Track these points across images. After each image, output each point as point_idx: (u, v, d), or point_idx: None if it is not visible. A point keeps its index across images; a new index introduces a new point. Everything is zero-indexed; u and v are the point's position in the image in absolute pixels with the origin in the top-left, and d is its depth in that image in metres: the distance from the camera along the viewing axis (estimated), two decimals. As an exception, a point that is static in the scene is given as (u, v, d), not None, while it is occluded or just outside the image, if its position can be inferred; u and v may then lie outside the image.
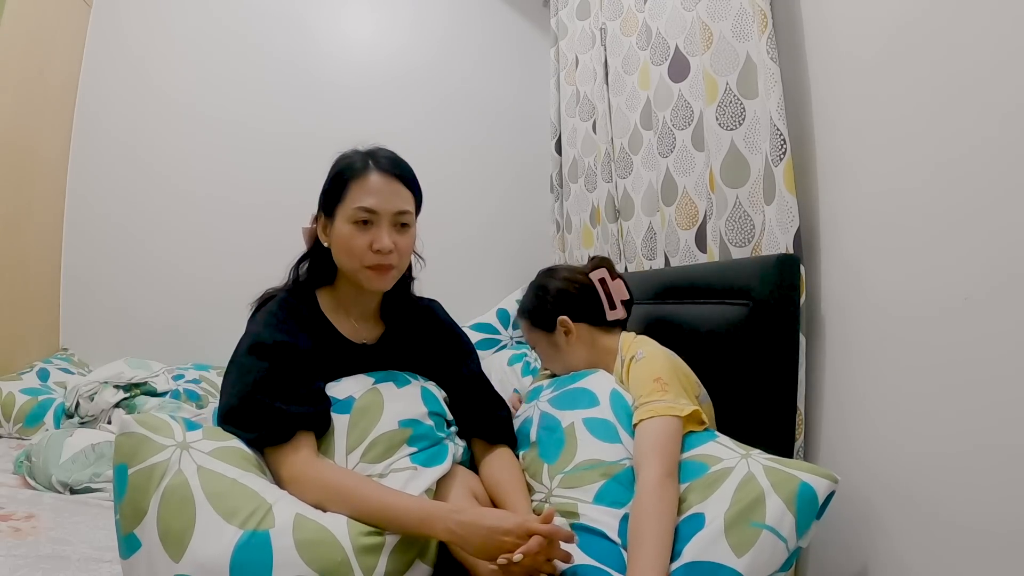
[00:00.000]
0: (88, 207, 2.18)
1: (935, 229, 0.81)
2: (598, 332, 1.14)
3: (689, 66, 1.36)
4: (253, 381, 0.83)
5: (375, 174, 0.93)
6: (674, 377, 0.95)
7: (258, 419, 0.82)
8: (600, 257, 1.21)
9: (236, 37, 2.30)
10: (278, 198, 2.24)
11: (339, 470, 0.83)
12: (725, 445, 0.88)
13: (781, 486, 0.77)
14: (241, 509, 0.71)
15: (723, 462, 0.83)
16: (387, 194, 0.93)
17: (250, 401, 0.82)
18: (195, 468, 0.74)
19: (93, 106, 2.20)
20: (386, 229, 0.92)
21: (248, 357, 0.86)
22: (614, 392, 1.00)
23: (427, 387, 0.99)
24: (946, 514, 0.79)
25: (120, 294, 2.18)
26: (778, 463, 0.81)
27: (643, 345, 1.05)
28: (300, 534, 0.71)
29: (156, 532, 0.69)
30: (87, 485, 1.29)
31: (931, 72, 0.82)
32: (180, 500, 0.70)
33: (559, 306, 1.15)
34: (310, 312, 0.96)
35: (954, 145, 0.79)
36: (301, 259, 1.03)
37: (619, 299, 1.15)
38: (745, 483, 0.79)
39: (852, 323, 0.97)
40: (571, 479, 0.89)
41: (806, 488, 0.77)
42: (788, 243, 1.03)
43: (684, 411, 0.89)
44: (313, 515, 0.75)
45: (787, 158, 1.03)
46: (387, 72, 2.39)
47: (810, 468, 0.80)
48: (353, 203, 0.92)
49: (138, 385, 1.74)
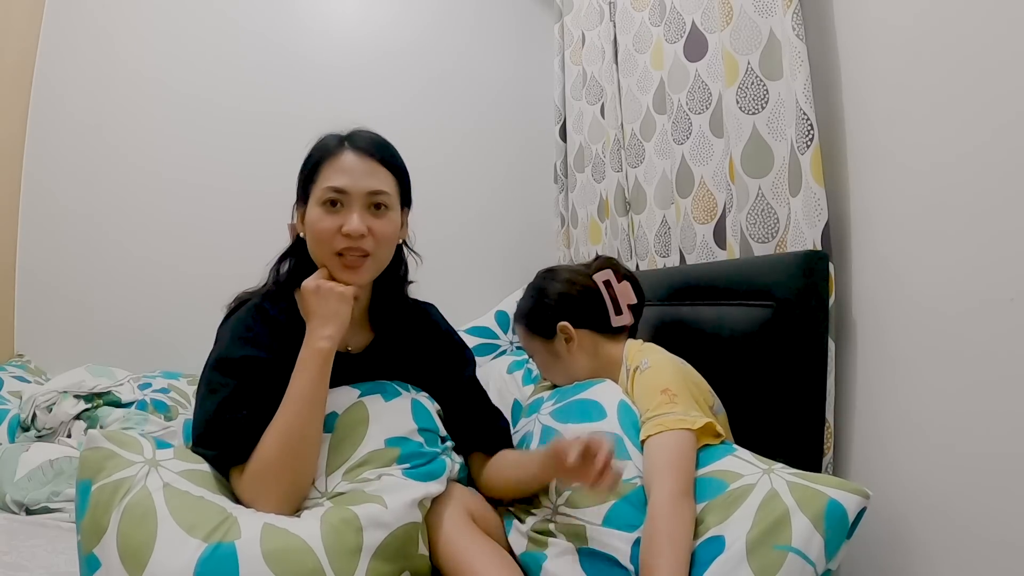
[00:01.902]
0: (46, 196, 2.17)
1: (979, 224, 0.81)
2: (602, 340, 1.14)
3: (707, 44, 1.36)
4: (219, 400, 0.85)
5: (349, 153, 0.93)
6: (683, 387, 0.95)
7: (219, 439, 0.83)
8: (605, 257, 1.21)
9: (209, 9, 2.28)
10: (256, 186, 2.23)
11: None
12: (745, 459, 0.88)
13: (808, 504, 0.77)
14: (204, 522, 0.73)
15: (743, 478, 0.83)
16: (360, 172, 0.91)
17: (213, 421, 0.84)
18: (161, 484, 0.75)
19: (52, 84, 2.18)
20: (358, 210, 0.90)
21: (213, 372, 0.88)
22: (622, 403, 0.99)
23: (418, 399, 0.99)
24: (991, 534, 0.79)
25: (81, 294, 2.17)
26: (804, 478, 0.82)
27: (649, 353, 1.05)
28: (269, 544, 0.72)
29: (116, 549, 0.70)
30: (45, 505, 1.29)
31: (980, 51, 0.81)
32: (141, 514, 0.71)
33: (559, 311, 1.14)
34: (287, 319, 0.95)
35: (1004, 132, 0.78)
36: (282, 257, 1.03)
37: (626, 303, 1.15)
38: (768, 501, 0.78)
39: (886, 326, 0.97)
40: (578, 497, 0.89)
41: (835, 506, 0.77)
42: (816, 238, 1.02)
43: (697, 423, 0.89)
44: (283, 524, 0.76)
45: (814, 145, 1.03)
46: (374, 49, 2.38)
47: (838, 483, 0.80)
48: (323, 183, 0.91)
49: (101, 395, 1.73)
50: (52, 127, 2.18)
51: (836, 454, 1.05)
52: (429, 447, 0.93)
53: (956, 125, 0.85)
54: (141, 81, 2.23)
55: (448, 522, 0.88)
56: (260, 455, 0.82)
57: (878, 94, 0.99)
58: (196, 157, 2.25)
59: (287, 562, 0.71)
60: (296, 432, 0.83)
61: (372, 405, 0.93)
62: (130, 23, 2.24)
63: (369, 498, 0.83)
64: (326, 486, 0.86)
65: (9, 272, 2.14)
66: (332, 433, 0.89)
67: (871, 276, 1.01)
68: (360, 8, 2.40)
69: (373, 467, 0.87)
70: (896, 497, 0.92)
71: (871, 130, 1.01)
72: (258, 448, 0.82)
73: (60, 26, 2.20)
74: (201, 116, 2.26)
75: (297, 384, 0.86)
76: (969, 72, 0.82)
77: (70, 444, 1.49)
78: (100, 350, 2.09)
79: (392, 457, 0.89)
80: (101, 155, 2.20)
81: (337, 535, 0.76)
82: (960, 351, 0.84)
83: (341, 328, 0.89)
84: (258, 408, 0.85)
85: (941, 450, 0.87)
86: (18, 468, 1.33)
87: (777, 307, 1.04)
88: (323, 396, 0.88)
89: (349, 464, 0.87)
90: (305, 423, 0.84)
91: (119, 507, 0.72)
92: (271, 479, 0.81)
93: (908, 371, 0.92)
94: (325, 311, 0.88)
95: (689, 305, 1.28)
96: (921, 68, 0.90)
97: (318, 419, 0.87)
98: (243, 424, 0.83)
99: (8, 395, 1.81)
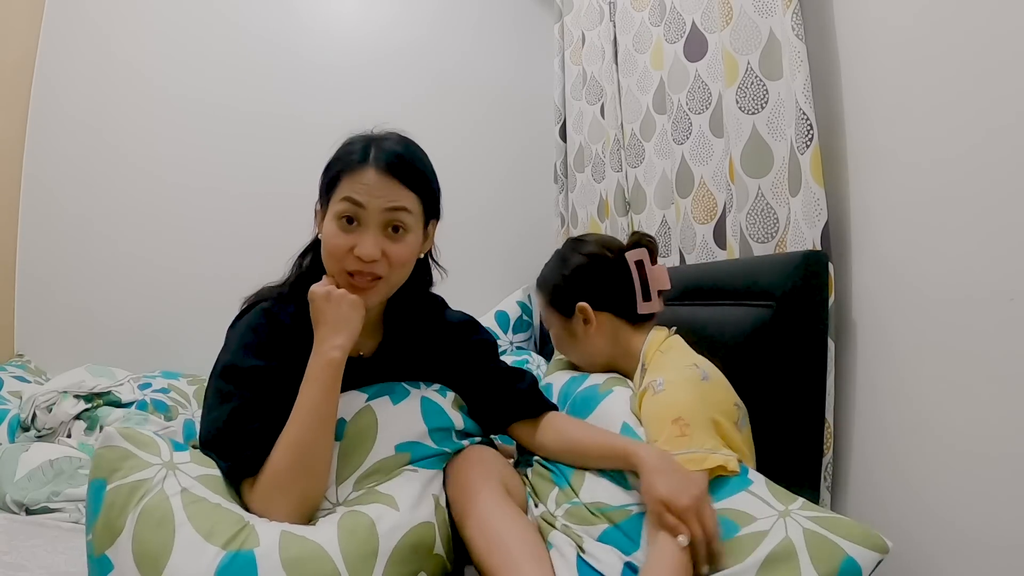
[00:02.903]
0: (47, 197, 2.17)
1: (979, 223, 0.81)
2: (623, 327, 1.06)
3: (707, 44, 1.36)
4: (230, 411, 0.83)
5: (371, 170, 0.88)
6: (699, 413, 0.86)
7: (231, 451, 0.82)
8: (642, 233, 1.10)
9: (210, 10, 2.29)
10: (255, 186, 2.24)
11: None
12: (759, 496, 0.81)
13: (822, 560, 0.72)
14: (223, 529, 0.72)
15: (756, 523, 0.77)
16: (379, 192, 0.87)
17: (225, 432, 0.83)
18: (179, 489, 0.74)
19: (52, 85, 2.19)
20: (373, 231, 0.87)
21: (221, 380, 0.86)
22: (625, 427, 0.93)
23: (427, 396, 0.96)
24: (992, 534, 0.79)
25: (81, 294, 2.17)
26: (822, 525, 0.75)
27: (668, 366, 0.97)
28: (287, 552, 0.72)
29: (131, 553, 0.69)
30: (44, 505, 1.29)
31: (979, 50, 0.82)
32: (159, 519, 0.71)
33: (581, 288, 1.07)
34: (298, 324, 0.91)
35: (1003, 132, 0.78)
36: (305, 250, 0.99)
37: (656, 289, 1.05)
38: (779, 553, 0.73)
39: (886, 326, 0.97)
40: (575, 514, 0.86)
41: (850, 564, 0.72)
42: (815, 238, 1.03)
43: (706, 463, 0.81)
44: (300, 531, 0.76)
45: (814, 145, 1.03)
46: (374, 50, 2.38)
47: (860, 534, 0.74)
48: (340, 194, 0.88)
49: (101, 395, 1.73)
50: (52, 128, 2.19)
51: (836, 455, 1.05)
52: (440, 446, 0.92)
53: (956, 125, 0.85)
54: (141, 82, 2.23)
55: (484, 497, 0.84)
56: (271, 468, 0.80)
57: (878, 94, 0.99)
58: (196, 158, 2.25)
59: (306, 570, 0.71)
60: (306, 444, 0.81)
61: (380, 409, 0.91)
62: (130, 24, 2.24)
63: (381, 497, 0.82)
64: (337, 496, 0.85)
65: (9, 272, 2.14)
66: (341, 441, 0.88)
67: (871, 276, 1.01)
68: (360, 9, 2.40)
69: (383, 475, 0.87)
70: (895, 497, 0.92)
71: (871, 130, 1.01)
72: (269, 461, 0.80)
73: (60, 27, 2.20)
74: (201, 117, 2.26)
75: (307, 395, 0.83)
76: (969, 72, 0.82)
77: (70, 444, 1.49)
78: (100, 350, 2.09)
79: (402, 462, 0.88)
80: (101, 155, 2.20)
81: (353, 540, 0.75)
82: (960, 350, 0.84)
83: (352, 336, 0.86)
84: (269, 419, 0.83)
85: (941, 450, 0.87)
86: (18, 468, 1.33)
87: (777, 307, 1.04)
88: (333, 407, 0.85)
89: (359, 473, 0.86)
90: (316, 435, 0.82)
91: (135, 510, 0.71)
92: (282, 491, 0.80)
93: (908, 371, 0.92)
94: (335, 318, 0.85)
95: (689, 305, 1.28)
96: (921, 68, 0.90)
97: (328, 430, 0.85)
98: (253, 437, 0.82)
99: (8, 395, 1.81)
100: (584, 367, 1.13)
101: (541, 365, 1.99)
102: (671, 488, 0.76)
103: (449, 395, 0.99)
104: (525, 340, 2.30)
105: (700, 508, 0.75)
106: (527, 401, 1.00)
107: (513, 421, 1.01)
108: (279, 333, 0.91)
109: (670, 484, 0.76)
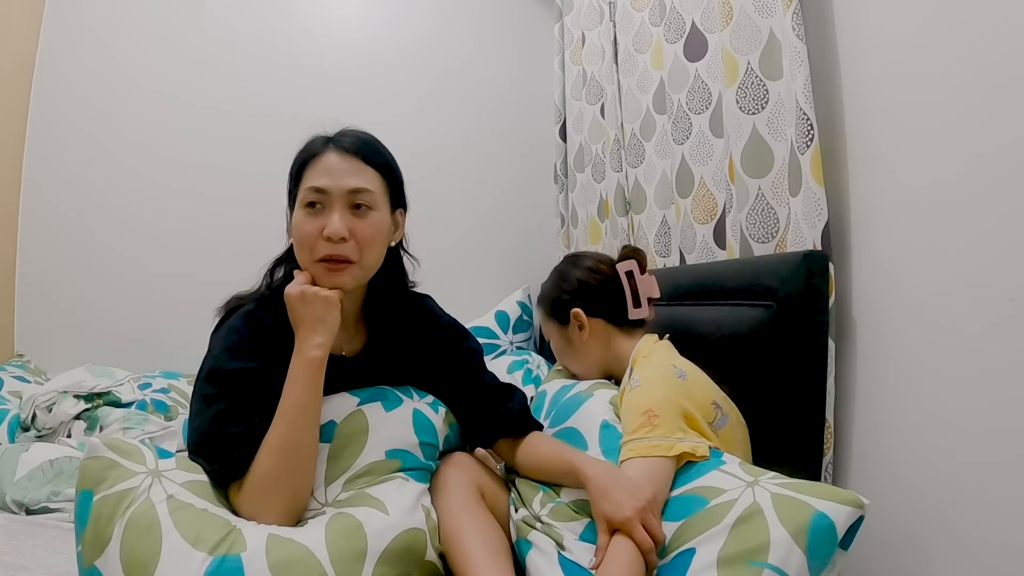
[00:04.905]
0: (46, 199, 2.17)
1: (978, 223, 0.81)
2: (615, 332, 1.13)
3: (707, 44, 1.36)
4: (213, 414, 0.83)
5: (332, 153, 0.90)
6: (671, 407, 0.90)
7: (216, 454, 0.82)
8: (633, 247, 1.18)
9: (207, 14, 2.29)
10: (253, 190, 2.23)
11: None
12: (730, 473, 0.83)
13: (790, 518, 0.73)
14: (210, 535, 0.72)
15: (725, 494, 0.79)
16: (340, 172, 0.88)
17: (209, 436, 0.83)
18: (165, 496, 0.74)
19: (51, 90, 2.19)
20: (338, 211, 0.87)
21: (206, 384, 0.86)
22: (604, 428, 0.97)
23: (419, 408, 0.97)
24: (991, 535, 0.79)
25: (81, 295, 2.17)
26: (792, 489, 0.76)
27: (648, 366, 1.01)
28: (274, 555, 0.72)
29: (119, 562, 0.69)
30: (45, 505, 1.29)
31: (976, 50, 0.82)
32: (146, 526, 0.71)
33: (576, 297, 1.14)
34: (280, 326, 0.91)
35: (1000, 131, 0.78)
36: (277, 262, 1.01)
37: (646, 297, 1.13)
38: (748, 516, 0.75)
39: (886, 326, 0.97)
40: (560, 512, 0.88)
41: (821, 519, 0.72)
42: (815, 238, 1.03)
43: (672, 450, 0.85)
44: (288, 534, 0.76)
45: (814, 145, 1.03)
46: (374, 52, 2.39)
47: (830, 493, 0.75)
48: (305, 184, 0.89)
49: (101, 395, 1.73)
50: (51, 131, 2.19)
51: (836, 454, 1.05)
52: (427, 460, 0.93)
53: (956, 125, 0.85)
54: (141, 87, 2.23)
55: (454, 495, 0.88)
56: (257, 469, 0.80)
57: (878, 94, 0.99)
58: (195, 162, 2.26)
59: (293, 573, 0.71)
60: (291, 444, 0.82)
61: (372, 414, 0.92)
62: (129, 30, 2.24)
63: (370, 500, 0.82)
64: (326, 496, 0.85)
65: (9, 273, 2.15)
66: (331, 442, 0.88)
67: (871, 276, 1.01)
68: (361, 10, 2.41)
69: (374, 477, 0.86)
70: (896, 497, 0.92)
71: (871, 130, 1.01)
72: (255, 463, 0.80)
73: (59, 33, 2.21)
74: (200, 120, 2.26)
75: (290, 395, 0.84)
76: (969, 70, 0.83)
77: (70, 444, 1.49)
78: (100, 350, 2.09)
79: (393, 468, 0.88)
80: (100, 159, 2.20)
81: (341, 542, 0.75)
82: (960, 350, 0.84)
83: (331, 334, 0.87)
84: (254, 422, 0.83)
85: (941, 450, 0.87)
86: (18, 468, 1.34)
87: (777, 308, 1.04)
88: (317, 406, 0.86)
89: (350, 474, 0.86)
90: (300, 434, 0.83)
91: (122, 519, 0.71)
92: (269, 492, 0.80)
93: (908, 370, 0.93)
94: (312, 317, 0.86)
95: (689, 305, 1.28)
96: (921, 68, 0.90)
97: (313, 429, 0.85)
98: (240, 439, 0.82)
99: (8, 395, 1.81)
100: (582, 375, 1.18)
101: (541, 365, 1.99)
102: (612, 504, 0.80)
103: (441, 410, 1.00)
104: (525, 340, 2.30)
105: (644, 518, 0.78)
106: (515, 420, 1.02)
107: (499, 438, 1.02)
108: (262, 335, 0.91)
109: (611, 500, 0.80)
